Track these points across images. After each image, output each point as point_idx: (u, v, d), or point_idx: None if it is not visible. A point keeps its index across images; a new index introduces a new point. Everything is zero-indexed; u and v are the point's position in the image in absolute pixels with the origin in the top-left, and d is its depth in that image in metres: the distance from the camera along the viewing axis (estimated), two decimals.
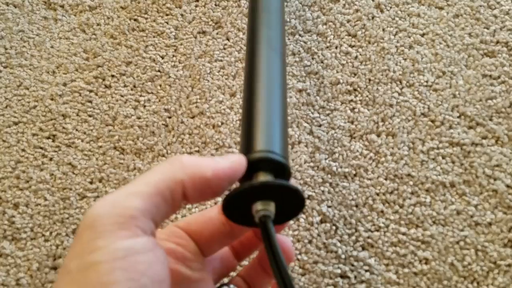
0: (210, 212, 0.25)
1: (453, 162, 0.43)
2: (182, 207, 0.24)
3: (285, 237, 0.27)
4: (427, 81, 0.47)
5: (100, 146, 0.45)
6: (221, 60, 0.49)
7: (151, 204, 0.20)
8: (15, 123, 0.47)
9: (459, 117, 0.45)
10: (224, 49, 0.50)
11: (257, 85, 0.27)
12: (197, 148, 0.45)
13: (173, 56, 0.50)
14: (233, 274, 0.29)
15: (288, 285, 0.20)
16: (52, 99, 0.48)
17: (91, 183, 0.43)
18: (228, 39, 0.51)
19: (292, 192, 0.23)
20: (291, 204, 0.24)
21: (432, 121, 0.45)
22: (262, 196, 0.23)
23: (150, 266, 0.19)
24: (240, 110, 0.46)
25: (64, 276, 0.19)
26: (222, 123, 0.46)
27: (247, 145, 0.24)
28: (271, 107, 0.26)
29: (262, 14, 0.32)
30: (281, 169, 0.24)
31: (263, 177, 0.23)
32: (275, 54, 0.29)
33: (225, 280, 0.28)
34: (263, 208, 0.23)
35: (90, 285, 0.17)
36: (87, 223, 0.19)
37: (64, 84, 0.48)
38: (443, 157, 0.43)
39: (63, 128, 0.46)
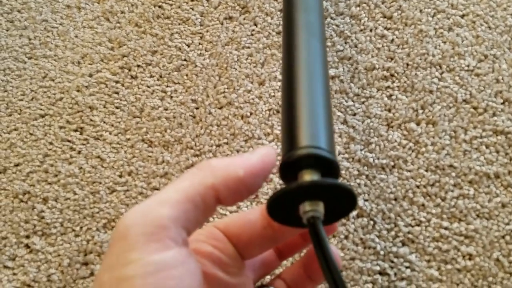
0: (250, 214, 0.24)
1: (497, 151, 0.41)
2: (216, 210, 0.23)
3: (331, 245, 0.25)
4: (468, 66, 0.44)
5: (128, 139, 0.44)
6: (248, 47, 0.47)
7: (182, 211, 0.19)
8: (42, 116, 0.46)
9: (503, 103, 0.42)
10: (252, 35, 0.48)
11: (298, 75, 0.25)
12: (225, 140, 0.43)
13: (199, 44, 0.48)
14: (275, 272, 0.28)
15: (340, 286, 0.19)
16: (78, 91, 0.47)
17: (120, 176, 0.42)
18: (255, 25, 0.48)
19: (343, 191, 0.21)
20: (341, 202, 0.22)
21: (475, 108, 0.42)
22: (310, 196, 0.21)
23: (181, 280, 0.18)
24: (270, 100, 0.44)
25: None
26: (251, 114, 0.44)
27: (290, 141, 0.23)
28: (314, 99, 0.24)
29: None
30: (329, 166, 0.22)
31: (310, 176, 0.22)
32: (316, 40, 0.27)
33: (265, 280, 0.27)
34: (312, 209, 0.21)
35: None
36: (119, 234, 0.19)
37: (90, 75, 0.47)
38: (487, 147, 0.41)
39: (91, 120, 0.45)
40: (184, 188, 0.20)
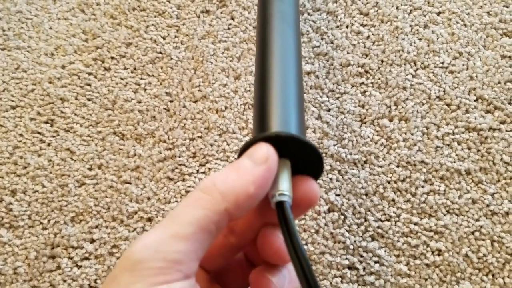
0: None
1: (469, 148, 0.41)
2: None
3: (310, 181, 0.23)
4: (442, 63, 0.44)
5: (100, 131, 0.43)
6: (225, 41, 0.47)
7: (196, 243, 0.19)
8: (13, 107, 0.45)
9: (476, 100, 0.43)
10: (229, 29, 0.48)
11: (270, 63, 0.25)
12: (199, 134, 0.43)
13: (175, 36, 0.48)
14: None
15: (308, 273, 0.18)
16: (50, 82, 0.46)
17: (90, 169, 0.42)
18: (233, 19, 0.48)
19: (305, 147, 0.21)
20: (308, 165, 0.22)
21: (448, 104, 0.43)
22: (278, 150, 0.21)
23: None
24: (245, 94, 0.44)
25: None
26: (226, 108, 0.44)
27: (261, 128, 0.23)
28: (287, 87, 0.24)
29: None
30: None
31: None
32: (289, 29, 0.27)
33: None
34: (280, 192, 0.21)
35: None
36: (126, 266, 0.18)
37: (63, 67, 0.47)
38: (459, 143, 0.41)
39: (62, 112, 0.44)
40: (197, 219, 0.19)
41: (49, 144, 0.43)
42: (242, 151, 0.22)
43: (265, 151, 0.20)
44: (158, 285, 0.17)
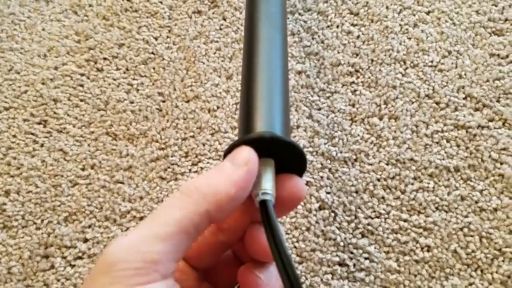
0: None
1: (458, 145, 0.41)
2: None
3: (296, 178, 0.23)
4: (432, 61, 0.45)
5: (92, 132, 0.44)
6: (217, 41, 0.47)
7: (175, 244, 0.19)
8: (6, 109, 0.45)
9: (465, 98, 0.43)
10: (221, 29, 0.48)
11: (256, 65, 0.26)
12: (192, 133, 0.43)
13: (167, 37, 0.48)
14: None
15: (290, 271, 0.19)
16: (43, 84, 0.46)
17: (83, 169, 0.42)
18: (224, 19, 0.49)
19: (287, 147, 0.22)
20: (293, 163, 0.23)
21: (437, 103, 0.43)
22: (262, 151, 0.21)
23: None
24: (237, 94, 0.45)
25: None
26: (218, 107, 0.44)
27: (246, 128, 0.23)
28: (272, 88, 0.25)
29: None
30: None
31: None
32: (276, 31, 0.28)
33: None
34: (263, 191, 0.21)
35: None
36: (104, 267, 0.18)
37: (56, 68, 0.47)
38: (448, 141, 0.42)
39: (54, 113, 0.45)
40: (176, 220, 0.19)
41: (42, 145, 0.43)
42: (226, 154, 0.22)
43: (246, 154, 0.21)
44: (135, 286, 0.17)
